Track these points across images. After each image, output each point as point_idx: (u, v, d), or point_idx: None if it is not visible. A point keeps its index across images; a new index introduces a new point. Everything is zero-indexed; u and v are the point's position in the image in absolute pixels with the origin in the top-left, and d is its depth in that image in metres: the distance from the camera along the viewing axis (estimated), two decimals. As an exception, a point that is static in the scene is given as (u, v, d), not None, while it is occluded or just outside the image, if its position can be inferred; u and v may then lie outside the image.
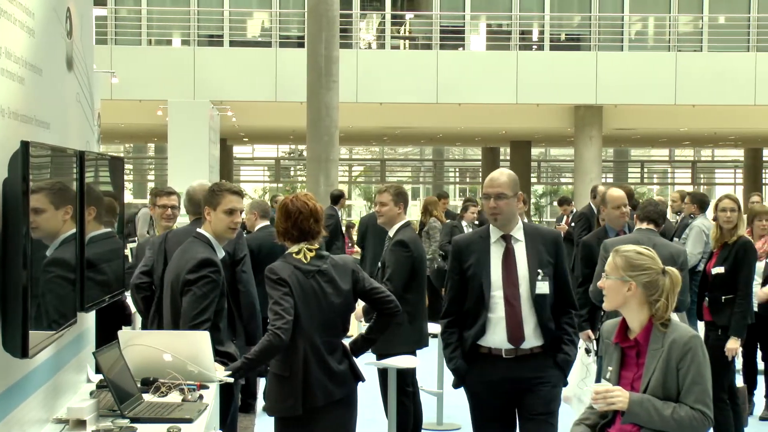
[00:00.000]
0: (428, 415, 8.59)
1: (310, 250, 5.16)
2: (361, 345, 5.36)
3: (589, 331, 7.55)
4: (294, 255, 5.14)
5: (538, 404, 5.34)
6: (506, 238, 5.42)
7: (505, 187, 5.38)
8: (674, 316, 4.42)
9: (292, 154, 44.81)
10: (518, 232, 5.43)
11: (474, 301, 5.37)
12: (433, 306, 14.05)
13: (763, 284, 9.39)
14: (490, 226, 5.48)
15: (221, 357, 5.18)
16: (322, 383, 5.06)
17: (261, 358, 4.99)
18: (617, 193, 8.05)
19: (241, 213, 5.63)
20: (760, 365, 9.78)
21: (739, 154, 40.03)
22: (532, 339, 5.35)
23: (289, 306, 4.99)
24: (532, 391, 5.34)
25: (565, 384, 5.54)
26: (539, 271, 5.35)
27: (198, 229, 5.56)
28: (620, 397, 4.16)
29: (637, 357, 4.31)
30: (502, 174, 5.47)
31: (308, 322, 5.06)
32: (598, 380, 4.57)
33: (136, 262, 7.33)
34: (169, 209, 7.97)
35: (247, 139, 35.79)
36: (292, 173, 46.06)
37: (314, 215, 5.17)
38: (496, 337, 5.34)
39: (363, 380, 5.29)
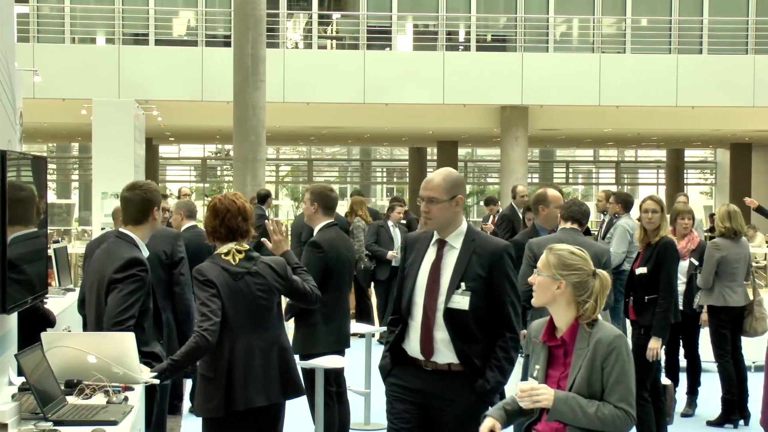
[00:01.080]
0: (356, 415, 8.60)
1: (239, 252, 5.18)
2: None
3: (522, 331, 7.61)
4: (222, 256, 5.16)
5: (439, 427, 4.98)
6: (441, 244, 5.03)
7: (438, 190, 4.96)
8: (599, 315, 4.49)
9: (218, 154, 44.51)
10: (456, 239, 4.99)
11: (402, 302, 5.07)
12: (359, 306, 14.11)
13: (688, 283, 9.57)
14: None
15: (146, 357, 5.14)
16: (247, 387, 5.08)
17: (186, 360, 4.98)
18: (557, 193, 8.15)
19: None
20: (683, 362, 9.95)
21: (661, 154, 40.64)
22: (445, 354, 4.91)
23: (216, 308, 5.00)
24: (440, 411, 4.95)
25: (485, 410, 4.91)
26: (461, 283, 4.88)
27: (120, 229, 5.53)
28: (545, 394, 4.20)
29: (564, 356, 4.36)
30: (438, 175, 5.05)
31: (236, 324, 5.07)
32: (524, 379, 4.61)
33: None
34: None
35: (173, 139, 35.50)
36: (218, 173, 45.77)
37: (242, 213, 5.21)
38: (411, 344, 5.00)
39: (301, 392, 5.35)
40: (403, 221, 14.00)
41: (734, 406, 9.33)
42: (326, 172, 45.36)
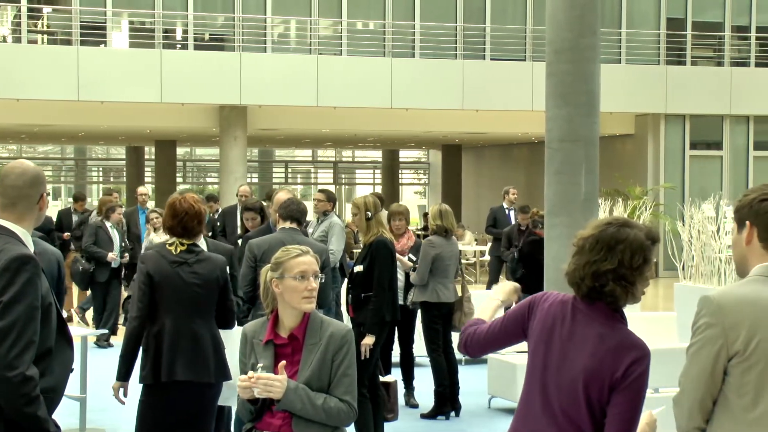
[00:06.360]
0: (70, 421, 8.37)
1: (183, 245, 5.86)
2: None
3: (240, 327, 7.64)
4: (167, 245, 5.91)
5: None
6: None
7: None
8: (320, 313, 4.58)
9: None
10: None
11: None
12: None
13: (407, 283, 9.87)
14: None
15: None
16: (174, 362, 5.76)
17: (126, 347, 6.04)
18: (283, 195, 8.26)
19: None
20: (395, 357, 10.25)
21: (377, 155, 41.64)
22: None
23: (143, 298, 5.94)
24: None
25: None
26: None
27: None
28: (279, 387, 4.23)
29: (292, 354, 4.40)
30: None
31: (168, 306, 5.84)
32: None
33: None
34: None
35: None
36: None
37: (198, 217, 5.89)
38: None
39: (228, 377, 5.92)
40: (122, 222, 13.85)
41: (446, 398, 9.69)
42: (38, 172, 43.76)
